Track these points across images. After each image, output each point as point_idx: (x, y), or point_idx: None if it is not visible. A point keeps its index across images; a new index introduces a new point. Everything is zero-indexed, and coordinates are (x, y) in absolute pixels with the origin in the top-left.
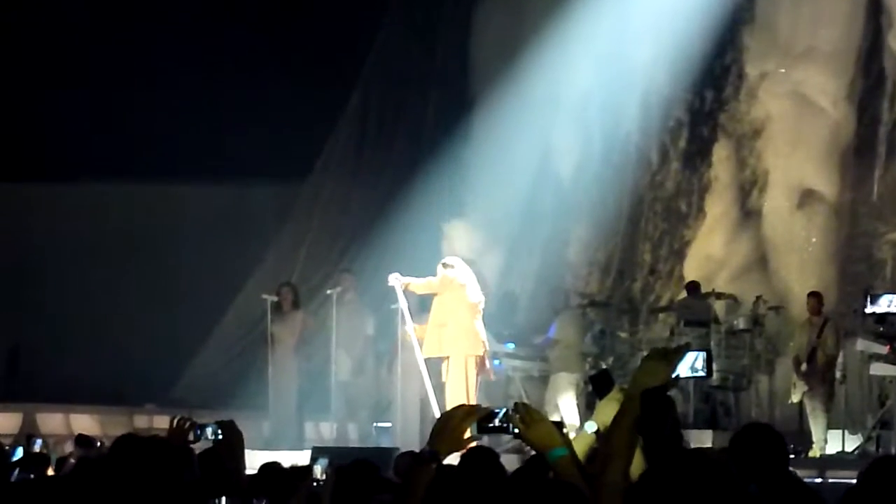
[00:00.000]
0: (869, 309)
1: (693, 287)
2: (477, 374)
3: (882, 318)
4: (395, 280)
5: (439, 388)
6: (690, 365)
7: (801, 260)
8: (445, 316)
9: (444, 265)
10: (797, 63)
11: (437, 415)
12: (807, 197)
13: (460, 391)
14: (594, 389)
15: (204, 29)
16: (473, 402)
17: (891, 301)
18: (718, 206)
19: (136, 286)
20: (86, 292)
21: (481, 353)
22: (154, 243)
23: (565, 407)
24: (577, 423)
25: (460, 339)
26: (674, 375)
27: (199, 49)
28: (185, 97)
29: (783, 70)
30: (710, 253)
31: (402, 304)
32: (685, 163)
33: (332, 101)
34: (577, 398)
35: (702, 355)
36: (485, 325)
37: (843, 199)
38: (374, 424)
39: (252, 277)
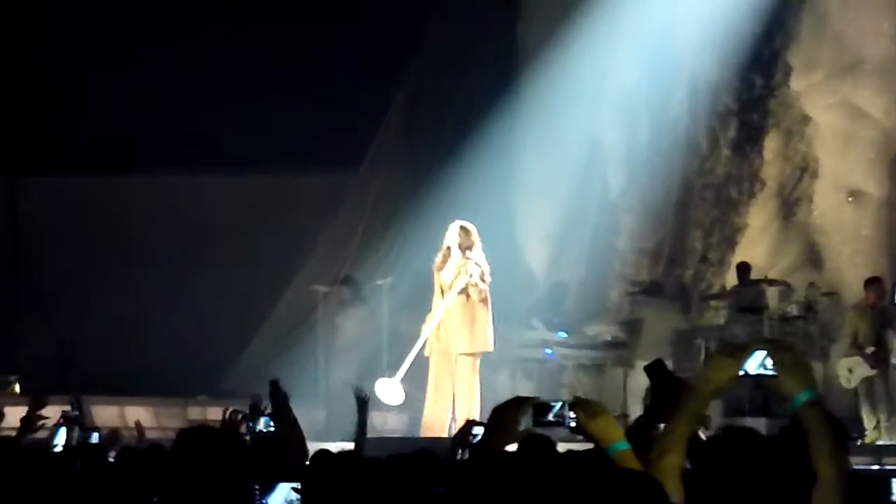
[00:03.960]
0: None
1: (743, 268)
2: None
3: None
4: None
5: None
6: (760, 362)
7: (852, 249)
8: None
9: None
10: (846, 74)
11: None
12: (856, 194)
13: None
14: (651, 379)
15: (252, 15)
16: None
17: None
18: (768, 193)
19: (185, 277)
20: (136, 285)
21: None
22: (203, 234)
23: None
24: None
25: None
26: (742, 373)
27: (247, 36)
28: (233, 86)
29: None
30: (760, 241)
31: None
32: (735, 149)
33: (382, 89)
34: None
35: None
36: (536, 312)
37: (893, 197)
38: None
39: (303, 268)
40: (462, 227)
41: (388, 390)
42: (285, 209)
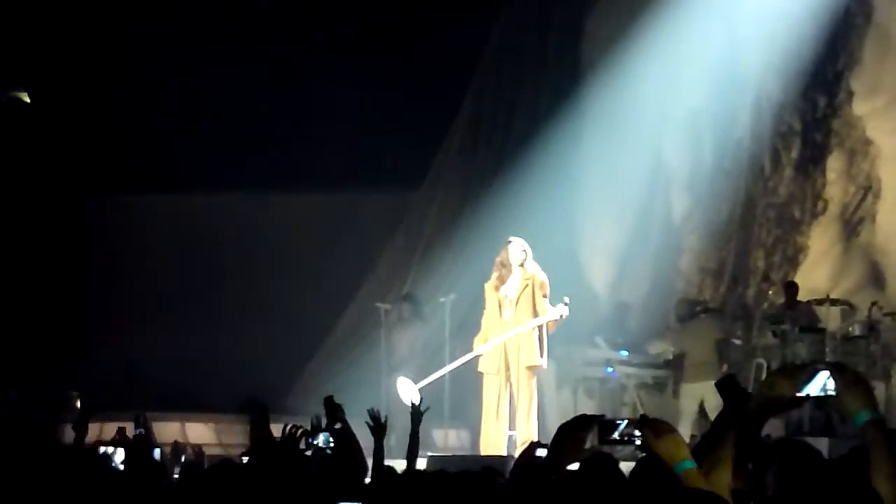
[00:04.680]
0: None
1: (790, 287)
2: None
3: None
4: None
5: None
6: (823, 384)
7: None
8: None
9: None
10: None
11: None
12: None
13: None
14: (722, 396)
15: (320, 35)
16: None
17: None
18: (832, 213)
19: (250, 296)
20: (199, 303)
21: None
22: (267, 253)
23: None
24: None
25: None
26: (803, 394)
27: (314, 57)
28: (297, 104)
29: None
30: (823, 261)
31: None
32: (798, 169)
33: (444, 108)
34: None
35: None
36: (599, 330)
37: None
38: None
39: (364, 286)
40: (518, 243)
41: (406, 389)
42: (349, 228)
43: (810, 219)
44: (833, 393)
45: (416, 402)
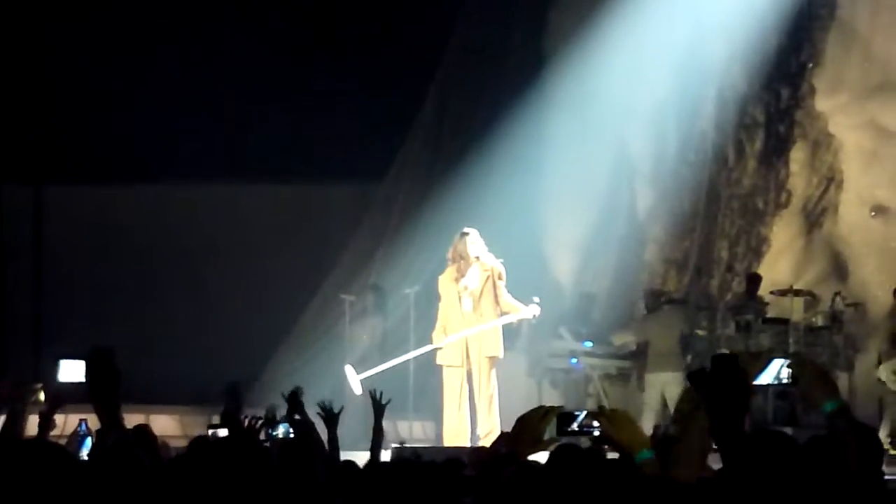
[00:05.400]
0: None
1: (753, 279)
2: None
3: None
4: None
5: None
6: (775, 374)
7: (879, 260)
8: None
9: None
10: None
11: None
12: (880, 209)
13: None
14: (694, 386)
15: (276, 27)
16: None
17: None
18: (795, 204)
19: (212, 287)
20: (161, 295)
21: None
22: (229, 244)
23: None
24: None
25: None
26: (756, 383)
27: (271, 47)
28: (257, 96)
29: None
30: (787, 252)
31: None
32: (762, 160)
33: (408, 100)
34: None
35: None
36: (563, 322)
37: None
38: None
39: (329, 277)
40: (475, 235)
41: (352, 379)
42: (312, 219)
43: (774, 210)
44: (786, 381)
45: (358, 392)
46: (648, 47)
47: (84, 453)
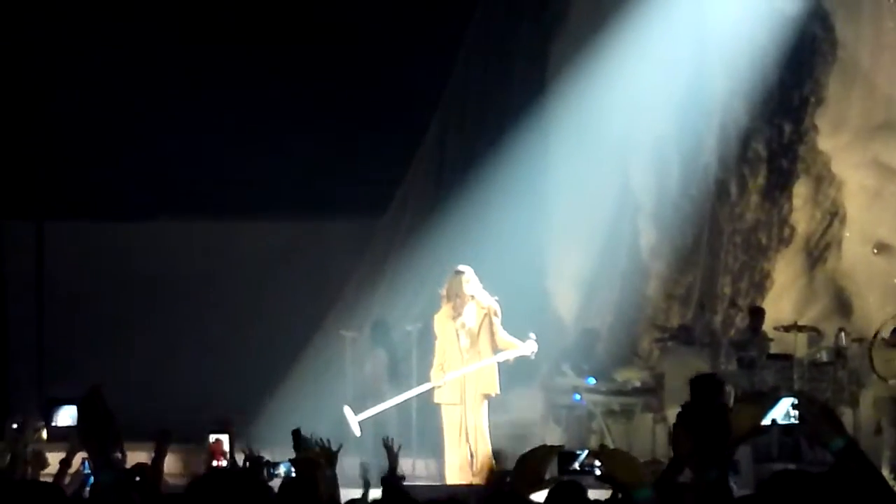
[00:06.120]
0: None
1: (756, 312)
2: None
3: None
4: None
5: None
6: (786, 412)
7: (883, 295)
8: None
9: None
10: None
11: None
12: (883, 247)
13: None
14: (694, 392)
15: (276, 61)
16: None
17: None
18: (798, 239)
19: (212, 323)
20: (163, 331)
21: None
22: (229, 280)
23: None
24: None
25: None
26: (769, 422)
27: (271, 81)
28: (259, 131)
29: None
30: (790, 287)
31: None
32: (764, 195)
33: (409, 134)
34: None
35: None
36: (565, 358)
37: None
38: None
39: (330, 313)
40: (470, 273)
41: (351, 419)
42: (313, 254)
43: (777, 245)
44: (796, 420)
45: (357, 434)
46: (650, 80)
47: (87, 492)
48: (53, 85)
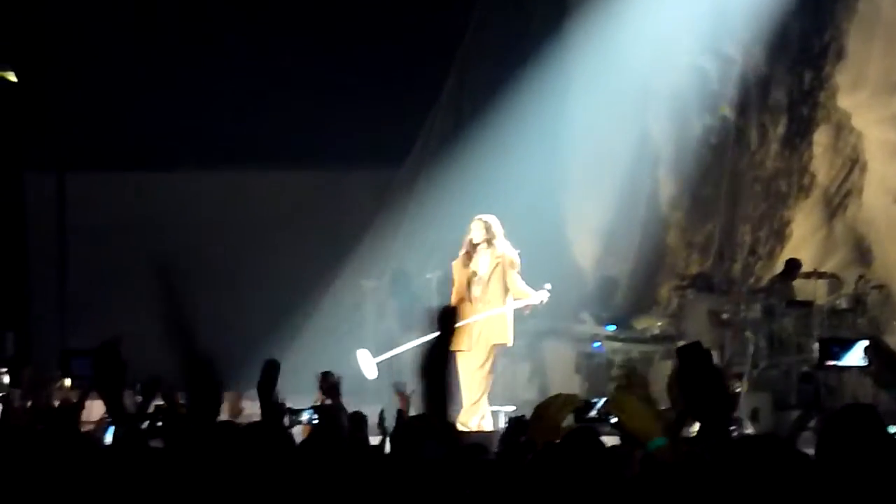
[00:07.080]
0: None
1: (793, 265)
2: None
3: None
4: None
5: None
6: (861, 356)
7: None
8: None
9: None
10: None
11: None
12: None
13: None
14: (682, 361)
15: (294, 13)
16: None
17: None
18: (818, 187)
19: (232, 275)
20: (185, 279)
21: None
22: (249, 231)
23: None
24: None
25: None
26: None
27: (290, 33)
28: (277, 83)
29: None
30: (810, 235)
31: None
32: (785, 143)
33: (427, 83)
34: None
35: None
36: (585, 306)
37: None
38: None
39: (349, 262)
40: (479, 222)
41: (366, 363)
42: (331, 204)
43: (797, 193)
44: (865, 364)
45: (373, 377)
46: (669, 28)
47: (108, 439)
48: (73, 37)
